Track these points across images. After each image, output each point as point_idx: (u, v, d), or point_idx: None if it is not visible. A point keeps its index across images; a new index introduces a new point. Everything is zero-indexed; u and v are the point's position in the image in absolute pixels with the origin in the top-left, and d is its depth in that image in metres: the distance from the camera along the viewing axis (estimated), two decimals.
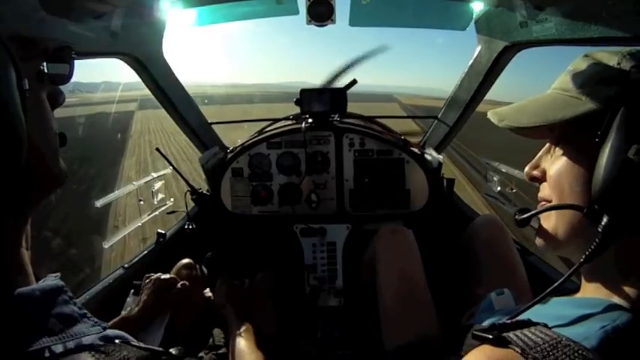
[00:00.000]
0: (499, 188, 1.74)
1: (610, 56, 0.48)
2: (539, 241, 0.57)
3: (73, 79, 0.48)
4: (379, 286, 1.20)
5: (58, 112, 0.47)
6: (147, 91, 1.58)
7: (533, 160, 0.58)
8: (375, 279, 1.23)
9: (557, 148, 0.53)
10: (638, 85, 0.44)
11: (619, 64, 0.47)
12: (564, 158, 0.51)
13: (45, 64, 0.43)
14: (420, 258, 1.24)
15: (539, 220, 0.57)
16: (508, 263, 1.18)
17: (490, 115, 0.58)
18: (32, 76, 0.39)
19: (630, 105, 0.43)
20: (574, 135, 0.49)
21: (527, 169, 0.58)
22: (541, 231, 0.56)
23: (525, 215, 0.58)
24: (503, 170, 1.70)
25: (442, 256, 1.47)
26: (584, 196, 0.48)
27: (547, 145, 0.57)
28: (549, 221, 0.54)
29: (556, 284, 0.51)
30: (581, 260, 0.47)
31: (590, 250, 0.46)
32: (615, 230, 0.44)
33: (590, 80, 0.49)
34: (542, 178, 0.56)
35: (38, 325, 0.37)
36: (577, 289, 0.55)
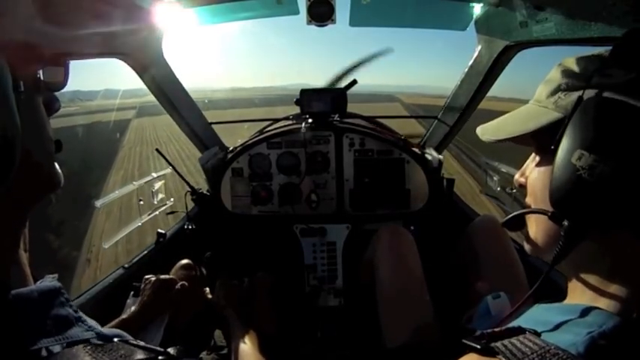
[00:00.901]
0: (499, 188, 1.74)
1: (578, 62, 0.49)
2: (526, 246, 0.58)
3: (73, 87, 0.49)
4: (379, 287, 1.20)
5: (53, 123, 0.47)
6: (145, 98, 1.58)
7: (522, 168, 0.59)
8: (375, 279, 1.23)
9: (537, 157, 0.55)
10: (595, 90, 0.44)
11: (585, 68, 0.47)
12: (539, 166, 0.53)
13: (40, 70, 0.43)
14: (419, 258, 1.24)
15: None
16: (507, 264, 1.18)
17: (477, 130, 0.61)
18: (28, 81, 0.40)
19: (580, 111, 0.44)
20: (544, 144, 0.50)
21: (516, 176, 0.60)
22: (527, 237, 0.58)
23: (503, 220, 0.60)
24: (504, 170, 1.70)
25: (442, 256, 1.47)
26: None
27: (533, 153, 0.59)
28: (531, 227, 0.56)
29: (530, 292, 0.53)
30: (551, 263, 0.49)
31: (555, 253, 0.47)
32: (576, 232, 0.45)
33: (557, 89, 0.50)
34: (526, 185, 0.58)
35: (36, 326, 0.37)
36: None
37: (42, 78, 0.43)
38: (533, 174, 0.55)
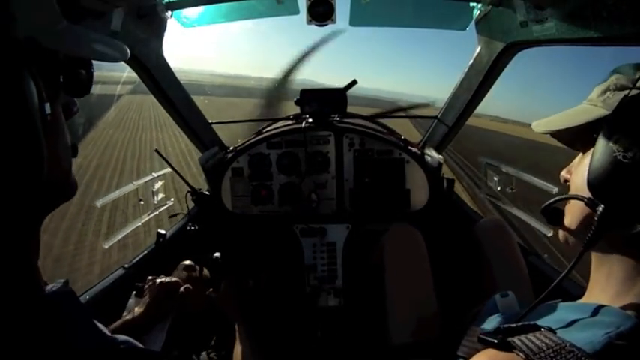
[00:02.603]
0: (499, 188, 1.74)
1: (629, 67, 0.53)
2: (560, 234, 0.60)
3: None
4: (387, 285, 1.20)
5: None
6: None
7: (569, 166, 0.62)
8: (384, 277, 1.23)
9: (583, 154, 0.58)
10: (639, 90, 0.47)
11: (634, 72, 0.51)
12: (583, 159, 0.56)
13: (61, 76, 0.42)
14: (428, 258, 1.25)
15: None
16: (513, 265, 1.19)
17: (532, 124, 0.65)
18: (50, 88, 0.39)
19: (622, 106, 0.47)
20: (590, 138, 0.53)
21: (562, 172, 0.63)
22: (562, 226, 0.60)
23: (542, 207, 0.62)
24: (503, 170, 1.70)
25: (443, 256, 1.47)
26: None
27: (580, 153, 0.61)
28: (567, 216, 0.58)
29: (557, 280, 0.53)
30: (581, 249, 0.50)
31: (587, 238, 0.49)
32: (609, 218, 0.47)
33: (607, 89, 0.54)
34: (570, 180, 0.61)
35: (50, 330, 0.37)
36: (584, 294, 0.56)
37: (63, 82, 0.43)
38: (577, 168, 0.57)
